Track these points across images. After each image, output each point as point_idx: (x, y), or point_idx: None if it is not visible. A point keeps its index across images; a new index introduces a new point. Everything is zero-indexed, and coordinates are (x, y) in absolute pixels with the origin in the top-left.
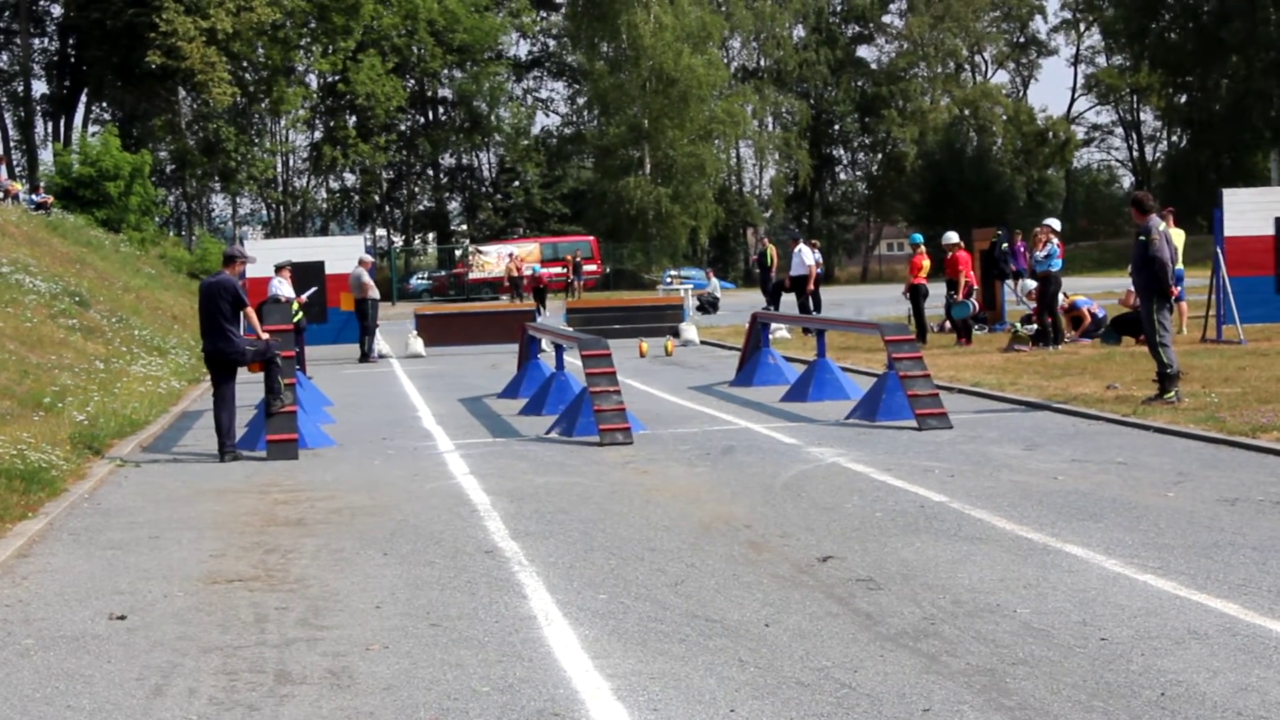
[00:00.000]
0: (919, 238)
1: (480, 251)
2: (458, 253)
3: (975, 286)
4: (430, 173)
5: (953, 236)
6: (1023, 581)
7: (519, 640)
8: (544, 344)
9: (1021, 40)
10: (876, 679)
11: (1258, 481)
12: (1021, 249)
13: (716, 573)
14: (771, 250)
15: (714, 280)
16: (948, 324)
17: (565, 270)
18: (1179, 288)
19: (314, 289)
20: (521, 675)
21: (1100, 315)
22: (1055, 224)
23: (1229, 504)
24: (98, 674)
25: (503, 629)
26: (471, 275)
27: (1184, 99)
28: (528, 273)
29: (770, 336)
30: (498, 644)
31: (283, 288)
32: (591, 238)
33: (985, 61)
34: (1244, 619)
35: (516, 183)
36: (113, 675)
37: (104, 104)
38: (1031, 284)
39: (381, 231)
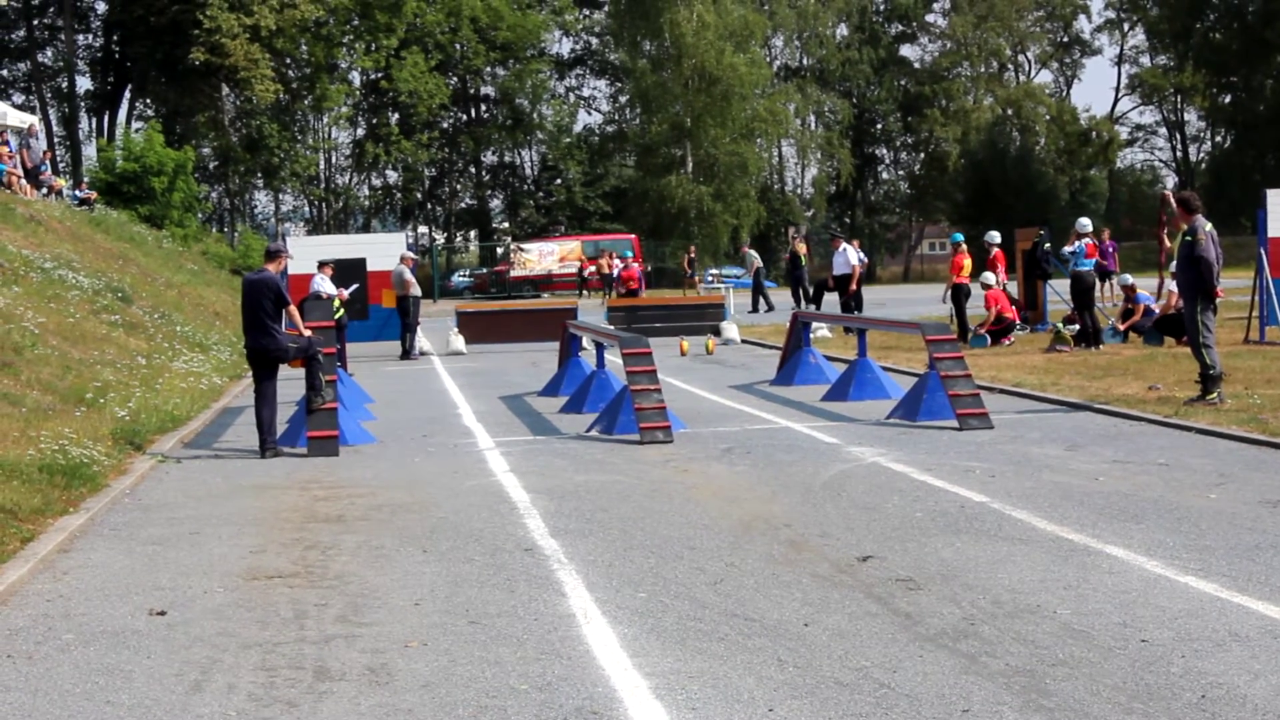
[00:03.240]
0: (960, 237)
1: (522, 249)
2: (499, 250)
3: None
4: (472, 170)
5: (995, 236)
6: (1063, 582)
7: (558, 638)
8: (585, 342)
9: (1065, 40)
10: (915, 679)
11: None
12: (1112, 248)
13: (756, 572)
14: (803, 249)
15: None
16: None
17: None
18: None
19: (355, 285)
20: (560, 673)
21: (1152, 314)
22: (1085, 224)
23: (1271, 506)
24: (137, 669)
25: (541, 627)
26: (513, 273)
27: (1228, 99)
28: (619, 267)
29: (811, 335)
30: (536, 642)
31: (324, 284)
32: (633, 236)
33: (1029, 61)
34: None
35: (558, 180)
36: (152, 671)
37: (147, 100)
38: (1129, 278)
39: (423, 229)
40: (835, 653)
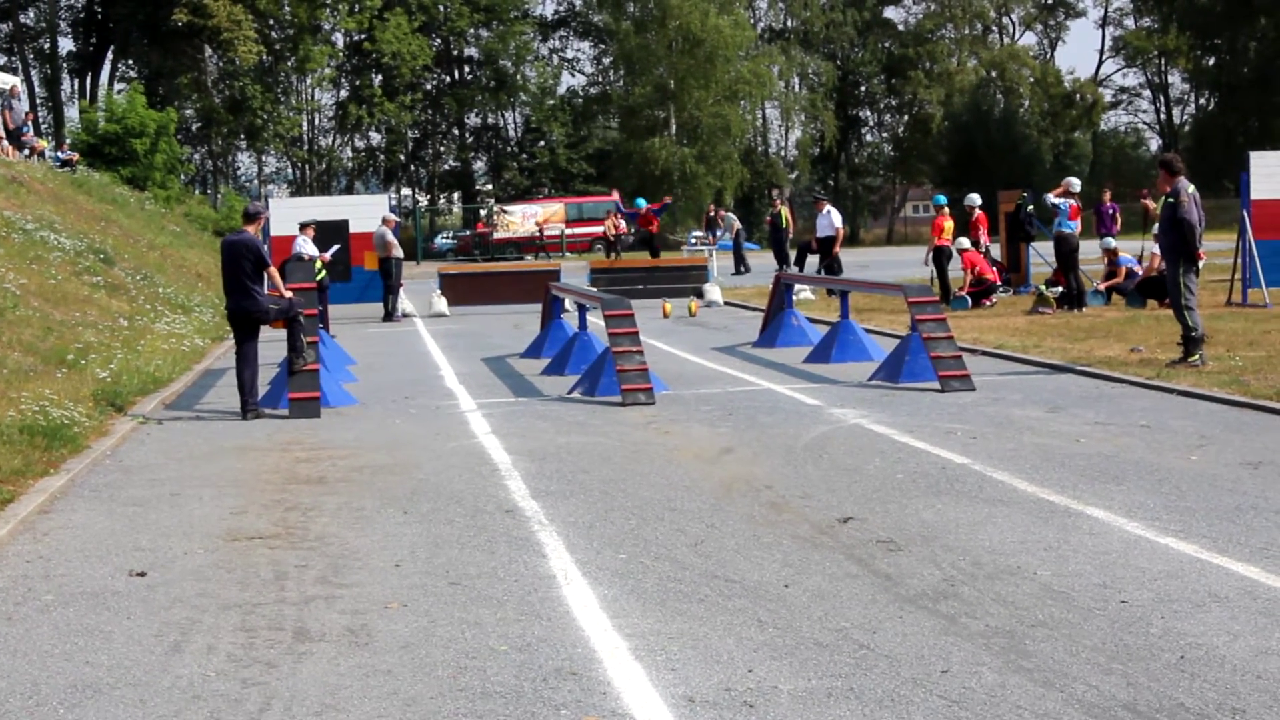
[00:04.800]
0: (943, 199)
1: (505, 211)
2: (482, 212)
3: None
4: (456, 132)
5: (975, 199)
6: (1043, 544)
7: (538, 599)
8: (567, 304)
9: (1049, 2)
10: (895, 640)
11: None
12: (1112, 210)
13: (736, 533)
14: (786, 212)
15: (729, 217)
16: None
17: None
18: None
19: (337, 246)
20: (540, 634)
21: (1135, 276)
22: (1074, 183)
23: (1252, 467)
24: (117, 630)
25: (522, 588)
26: (497, 235)
27: (1212, 62)
28: (625, 227)
29: (794, 298)
30: (516, 603)
31: (307, 246)
32: (616, 198)
33: (1013, 23)
34: (1265, 582)
35: (542, 143)
36: (132, 631)
37: (130, 61)
38: (1112, 241)
39: (406, 191)
40: (815, 614)
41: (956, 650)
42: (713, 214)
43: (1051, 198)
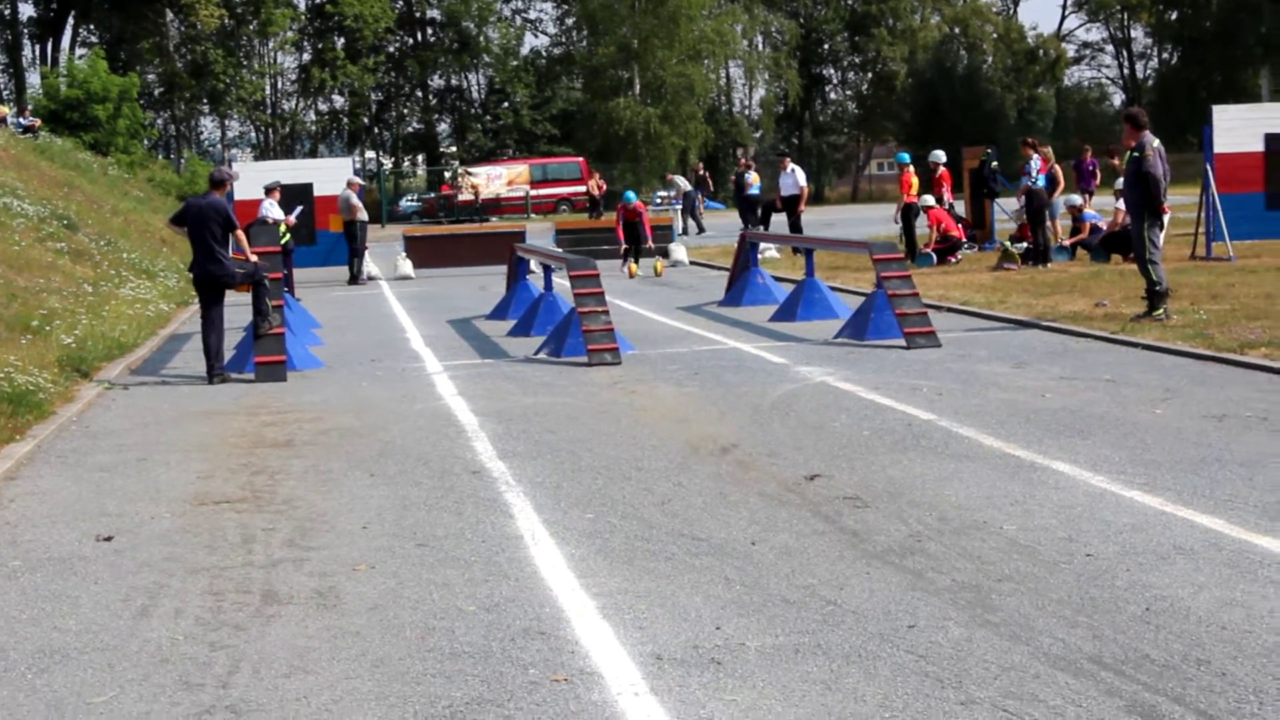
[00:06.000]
0: (906, 157)
1: (469, 173)
2: (447, 175)
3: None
4: (419, 94)
5: (940, 155)
6: (1009, 498)
7: (505, 559)
8: (533, 265)
9: None
10: (862, 596)
11: (1245, 398)
12: (1091, 166)
13: (704, 491)
14: (751, 171)
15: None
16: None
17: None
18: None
19: (300, 208)
20: (507, 594)
21: (1099, 232)
22: (1047, 151)
23: (1216, 420)
24: (84, 595)
25: (489, 548)
26: (461, 197)
27: (1174, 15)
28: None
29: (759, 256)
30: (484, 563)
31: (273, 209)
32: (581, 159)
33: None
34: (1229, 534)
35: (506, 104)
36: (99, 596)
37: (91, 26)
38: (1077, 198)
39: (370, 154)
40: (782, 571)
41: (923, 605)
42: (701, 172)
43: (1032, 168)
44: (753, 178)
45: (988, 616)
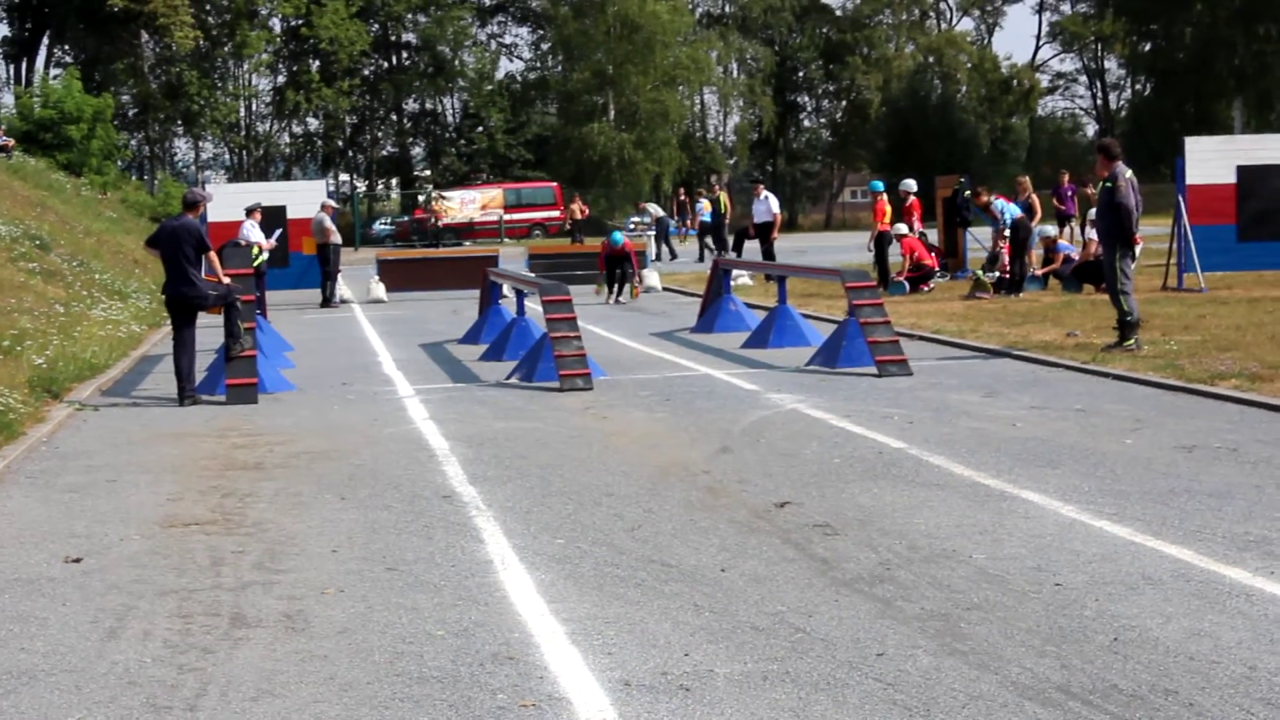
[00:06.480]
0: (879, 185)
1: (443, 197)
2: (420, 198)
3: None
4: (394, 118)
5: (910, 184)
6: (979, 527)
7: (475, 584)
8: (505, 290)
9: None
10: (831, 624)
11: (1215, 429)
12: (1070, 191)
13: (673, 518)
14: (724, 198)
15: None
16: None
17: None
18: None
19: (280, 231)
20: (477, 619)
21: (1072, 263)
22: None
23: (1186, 451)
24: (52, 616)
25: (459, 573)
26: (444, 221)
27: (1148, 47)
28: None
29: (732, 283)
30: (453, 588)
31: (254, 232)
32: (555, 184)
33: (950, 8)
34: (1198, 565)
35: (480, 128)
36: (67, 618)
37: (66, 46)
38: (1050, 229)
39: (344, 176)
40: (751, 598)
41: (892, 633)
42: (682, 198)
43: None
44: (704, 205)
45: (956, 645)
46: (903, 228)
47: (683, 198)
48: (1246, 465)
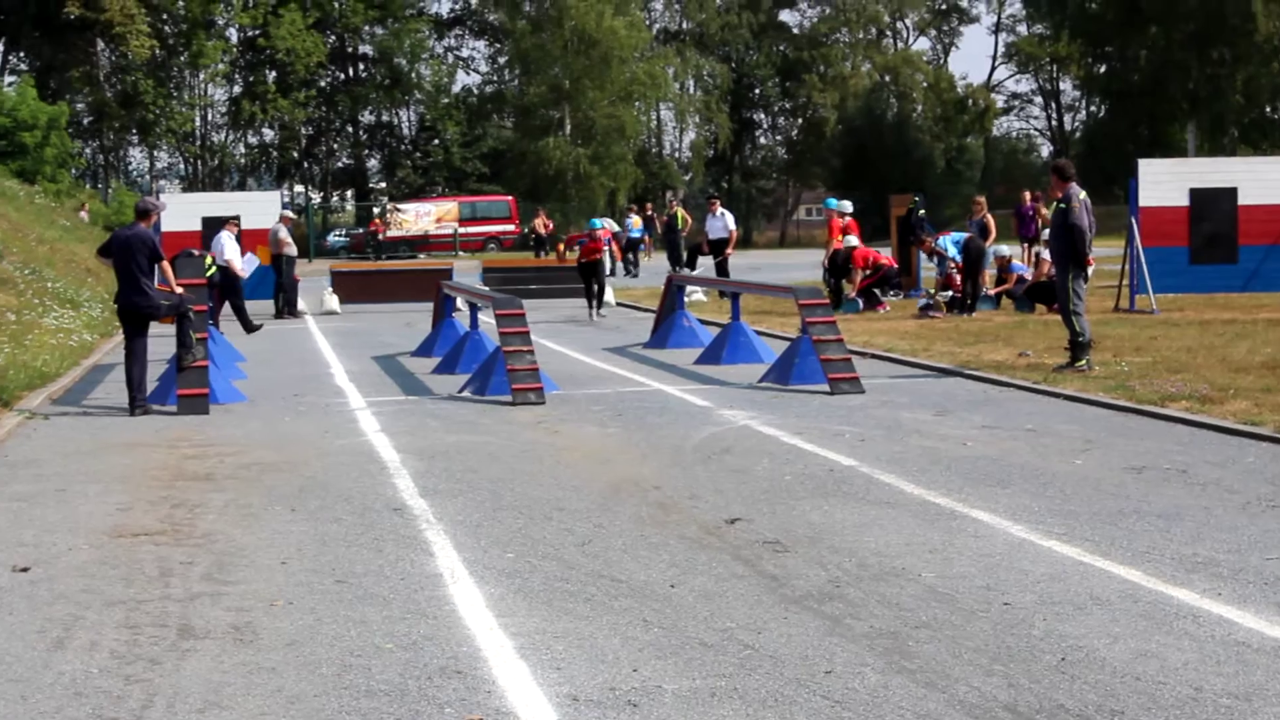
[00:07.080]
0: (833, 202)
1: (398, 209)
2: (376, 210)
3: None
4: (349, 130)
5: (847, 205)
6: (928, 546)
7: (424, 598)
8: (459, 303)
9: (943, 7)
10: (780, 640)
11: (1165, 450)
12: (1031, 211)
13: (624, 533)
14: (682, 213)
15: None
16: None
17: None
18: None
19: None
20: (425, 632)
21: (1025, 283)
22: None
23: (1136, 472)
24: None
25: (408, 586)
26: (390, 233)
27: (1103, 69)
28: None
29: (685, 299)
30: (403, 601)
31: (229, 243)
32: (510, 198)
33: (907, 28)
34: (1146, 585)
35: (436, 141)
36: (14, 627)
37: (21, 54)
38: (1005, 249)
39: (299, 188)
40: (701, 614)
41: (840, 651)
42: (649, 213)
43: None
44: (634, 221)
45: (904, 663)
46: (854, 239)
47: (650, 212)
48: (1195, 487)
